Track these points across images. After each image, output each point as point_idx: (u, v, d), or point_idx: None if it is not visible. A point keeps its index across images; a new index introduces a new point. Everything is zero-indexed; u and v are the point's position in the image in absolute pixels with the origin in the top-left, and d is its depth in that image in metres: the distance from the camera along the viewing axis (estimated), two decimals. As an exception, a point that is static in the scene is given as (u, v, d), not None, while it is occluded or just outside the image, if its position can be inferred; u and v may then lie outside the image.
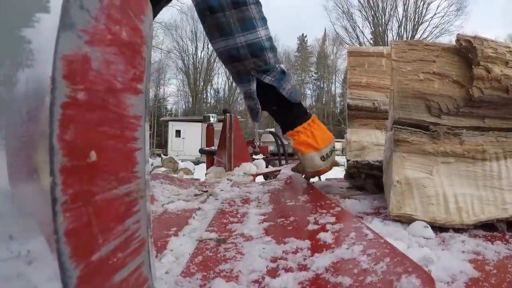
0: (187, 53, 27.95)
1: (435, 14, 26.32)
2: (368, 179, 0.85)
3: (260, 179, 1.81)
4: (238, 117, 1.81)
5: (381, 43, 26.07)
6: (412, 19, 26.77)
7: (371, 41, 27.33)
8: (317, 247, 0.35)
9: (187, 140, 13.86)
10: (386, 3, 26.78)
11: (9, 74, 0.12)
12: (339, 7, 27.51)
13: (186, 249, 0.39)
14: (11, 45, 0.12)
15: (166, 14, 22.58)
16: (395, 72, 0.52)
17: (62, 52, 0.14)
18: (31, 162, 0.12)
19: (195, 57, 28.21)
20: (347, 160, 0.85)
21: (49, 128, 0.13)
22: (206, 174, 1.68)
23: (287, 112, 0.84)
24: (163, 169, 6.22)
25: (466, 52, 0.50)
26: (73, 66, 0.14)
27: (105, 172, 0.17)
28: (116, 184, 0.18)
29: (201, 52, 28.45)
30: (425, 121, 0.50)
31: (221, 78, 28.64)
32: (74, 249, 0.14)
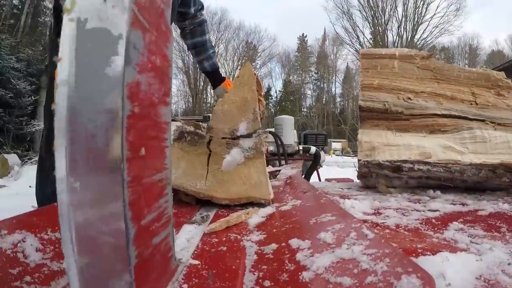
0: (187, 53, 27.94)
1: (434, 14, 26.32)
2: (379, 178, 0.85)
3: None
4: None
5: (381, 43, 26.10)
6: (412, 19, 26.77)
7: (371, 41, 27.34)
8: (317, 247, 0.35)
9: (187, 140, 13.81)
10: (386, 3, 26.79)
11: (101, 97, 0.19)
12: (339, 8, 27.51)
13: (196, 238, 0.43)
14: (100, 80, 0.20)
15: (166, 14, 22.49)
16: None
17: (126, 81, 0.20)
18: (112, 154, 0.20)
19: (195, 57, 28.12)
20: (358, 160, 0.85)
21: (121, 132, 0.20)
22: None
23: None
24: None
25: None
26: (132, 90, 0.21)
27: (148, 163, 0.24)
28: (155, 172, 0.25)
29: (201, 52, 28.29)
30: None
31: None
32: (133, 214, 0.21)
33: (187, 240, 0.43)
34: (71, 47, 0.19)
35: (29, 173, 6.31)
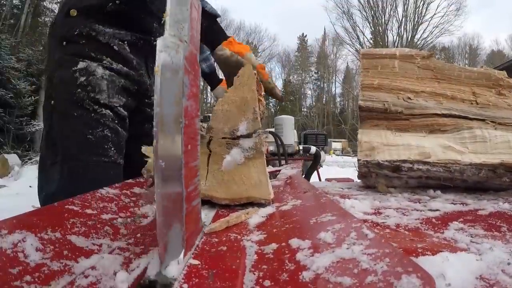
0: (187, 53, 27.87)
1: (434, 14, 26.32)
2: (378, 178, 0.85)
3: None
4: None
5: (381, 43, 26.09)
6: (412, 19, 26.77)
7: (371, 41, 27.32)
8: (318, 247, 0.35)
9: (187, 140, 13.86)
10: (386, 3, 26.79)
11: (172, 115, 0.33)
12: (339, 7, 27.51)
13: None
14: (172, 105, 0.33)
15: (166, 14, 22.52)
16: None
17: (183, 106, 0.34)
18: (177, 148, 0.33)
19: (195, 57, 28.18)
20: (358, 160, 0.85)
21: (181, 135, 0.33)
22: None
23: (219, 26, 1.13)
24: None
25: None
26: (185, 111, 0.35)
27: (191, 154, 0.38)
28: (193, 160, 0.40)
29: (201, 52, 28.42)
30: None
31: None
32: (185, 184, 0.34)
33: None
34: (159, 88, 0.33)
35: (29, 173, 6.31)
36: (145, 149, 0.72)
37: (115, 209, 0.56)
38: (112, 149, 1.01)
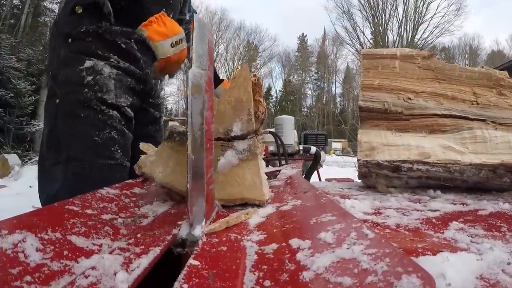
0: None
1: (435, 14, 26.32)
2: (378, 178, 0.85)
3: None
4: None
5: (381, 43, 26.09)
6: (412, 19, 26.76)
7: (371, 41, 27.33)
8: (318, 247, 0.35)
9: (187, 140, 13.87)
10: (386, 3, 26.78)
11: (198, 123, 0.47)
12: (339, 7, 27.51)
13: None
14: (197, 116, 0.47)
15: (166, 14, 22.50)
16: None
17: (204, 116, 0.48)
18: (202, 145, 0.47)
19: (195, 57, 28.17)
20: (358, 160, 0.85)
21: (203, 137, 0.47)
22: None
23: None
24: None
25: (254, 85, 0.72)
26: (205, 119, 0.48)
27: (209, 150, 0.51)
28: (210, 155, 0.53)
29: (201, 52, 28.37)
30: None
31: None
32: (206, 170, 0.47)
33: None
34: (190, 104, 0.45)
35: (29, 173, 6.31)
36: (142, 146, 0.73)
37: (115, 209, 0.56)
38: (119, 151, 1.00)
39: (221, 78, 1.68)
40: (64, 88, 1.00)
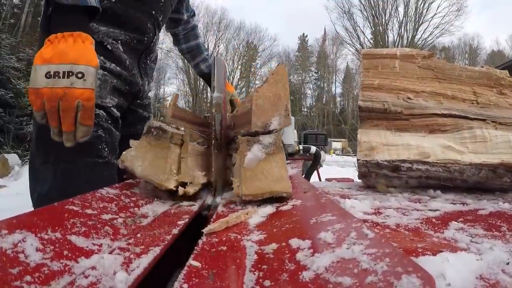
0: (187, 53, 27.88)
1: (435, 14, 26.30)
2: (378, 178, 0.85)
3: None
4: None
5: (381, 43, 26.07)
6: (413, 19, 26.74)
7: (372, 41, 27.31)
8: (318, 247, 0.35)
9: (187, 139, 13.88)
10: (387, 3, 26.77)
11: (218, 117, 0.74)
12: (340, 7, 27.49)
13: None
14: (220, 126, 0.75)
15: (166, 13, 22.44)
16: None
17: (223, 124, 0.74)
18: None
19: (195, 56, 28.16)
20: (357, 160, 0.85)
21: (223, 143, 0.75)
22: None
23: (57, 17, 0.75)
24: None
25: None
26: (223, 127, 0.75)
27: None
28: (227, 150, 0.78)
29: (201, 51, 28.36)
30: None
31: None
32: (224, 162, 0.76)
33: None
34: (215, 118, 0.71)
35: (30, 173, 6.28)
36: (132, 143, 0.73)
37: (115, 209, 0.56)
38: (106, 149, 0.99)
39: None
40: None
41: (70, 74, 0.68)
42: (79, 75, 0.69)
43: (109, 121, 1.02)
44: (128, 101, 1.12)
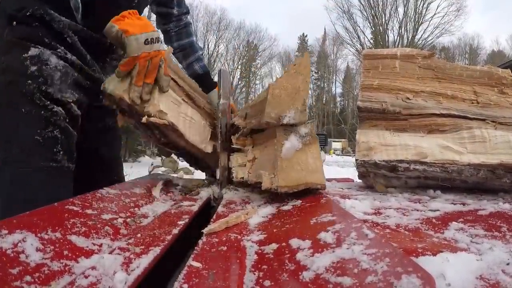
0: (187, 53, 27.89)
1: (435, 14, 26.31)
2: (377, 178, 0.85)
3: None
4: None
5: (381, 43, 26.08)
6: (413, 19, 26.75)
7: (372, 41, 27.32)
8: (318, 247, 0.35)
9: (188, 139, 13.86)
10: (387, 3, 26.77)
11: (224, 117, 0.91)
12: (340, 7, 27.50)
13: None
14: (226, 127, 0.90)
15: (166, 13, 22.43)
16: None
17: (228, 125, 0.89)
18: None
19: (195, 56, 28.18)
20: (356, 160, 0.85)
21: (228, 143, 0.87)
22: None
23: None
24: (163, 169, 6.22)
25: None
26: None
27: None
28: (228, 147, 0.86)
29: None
30: None
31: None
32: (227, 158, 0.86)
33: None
34: (219, 120, 0.86)
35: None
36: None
37: (115, 209, 0.56)
38: (61, 152, 0.89)
39: (215, 80, 1.51)
40: (5, 77, 0.89)
41: (154, 39, 0.84)
42: (159, 40, 0.86)
43: (67, 120, 0.93)
44: (89, 98, 1.03)
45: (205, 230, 0.47)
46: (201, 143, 0.91)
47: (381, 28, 26.85)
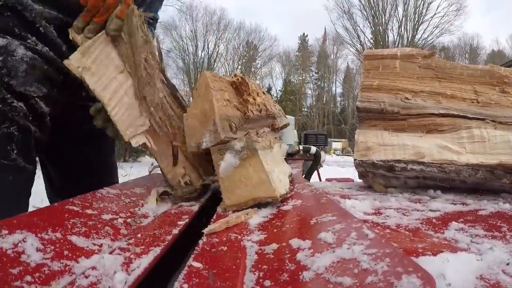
0: (187, 53, 27.96)
1: (435, 14, 26.29)
2: (375, 178, 0.85)
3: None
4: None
5: (381, 43, 26.07)
6: (412, 19, 26.74)
7: (372, 41, 27.31)
8: (318, 247, 0.35)
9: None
10: (386, 3, 26.76)
11: None
12: (340, 7, 27.49)
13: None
14: None
15: (165, 13, 22.48)
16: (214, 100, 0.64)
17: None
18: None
19: (195, 56, 28.23)
20: (354, 160, 0.85)
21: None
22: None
23: None
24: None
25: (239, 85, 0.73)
26: None
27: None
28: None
29: (201, 51, 28.45)
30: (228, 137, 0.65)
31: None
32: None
33: None
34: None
35: (30, 173, 6.28)
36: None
37: (115, 209, 0.56)
38: (15, 151, 0.83)
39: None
40: None
41: None
42: None
43: (30, 117, 0.86)
44: (63, 95, 0.94)
45: (205, 230, 0.47)
46: (126, 129, 0.73)
47: (381, 28, 26.85)
